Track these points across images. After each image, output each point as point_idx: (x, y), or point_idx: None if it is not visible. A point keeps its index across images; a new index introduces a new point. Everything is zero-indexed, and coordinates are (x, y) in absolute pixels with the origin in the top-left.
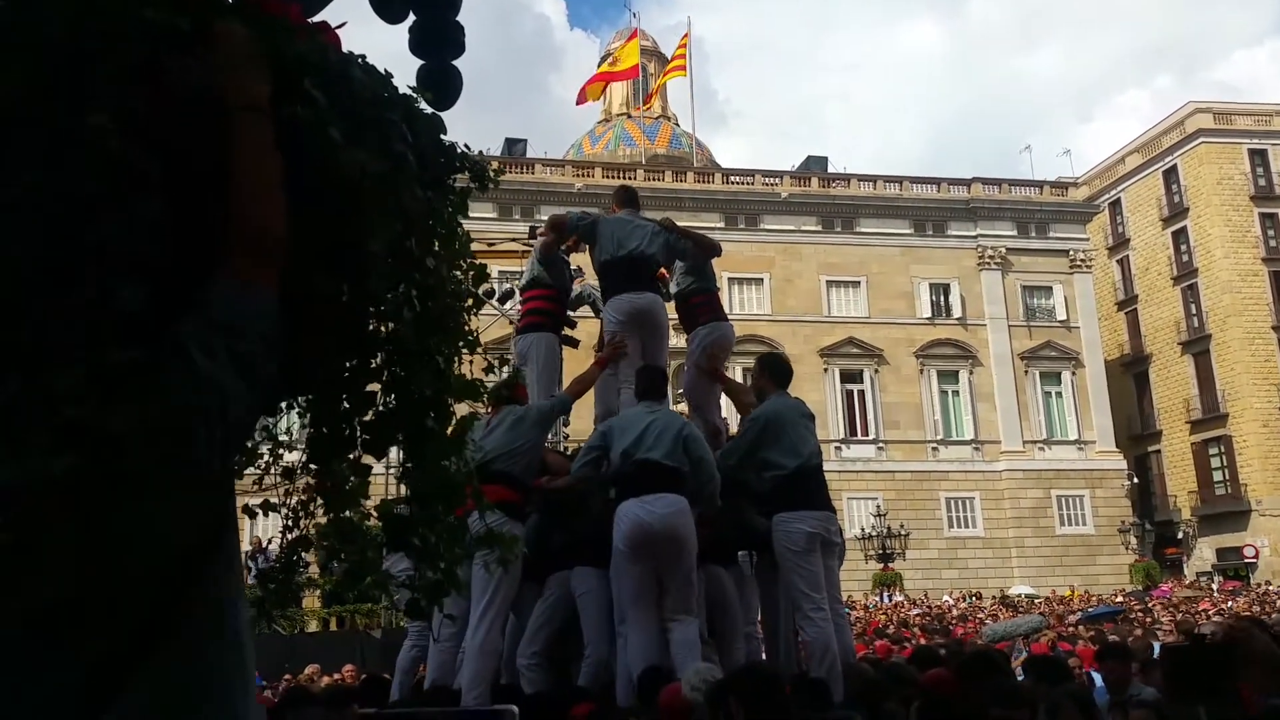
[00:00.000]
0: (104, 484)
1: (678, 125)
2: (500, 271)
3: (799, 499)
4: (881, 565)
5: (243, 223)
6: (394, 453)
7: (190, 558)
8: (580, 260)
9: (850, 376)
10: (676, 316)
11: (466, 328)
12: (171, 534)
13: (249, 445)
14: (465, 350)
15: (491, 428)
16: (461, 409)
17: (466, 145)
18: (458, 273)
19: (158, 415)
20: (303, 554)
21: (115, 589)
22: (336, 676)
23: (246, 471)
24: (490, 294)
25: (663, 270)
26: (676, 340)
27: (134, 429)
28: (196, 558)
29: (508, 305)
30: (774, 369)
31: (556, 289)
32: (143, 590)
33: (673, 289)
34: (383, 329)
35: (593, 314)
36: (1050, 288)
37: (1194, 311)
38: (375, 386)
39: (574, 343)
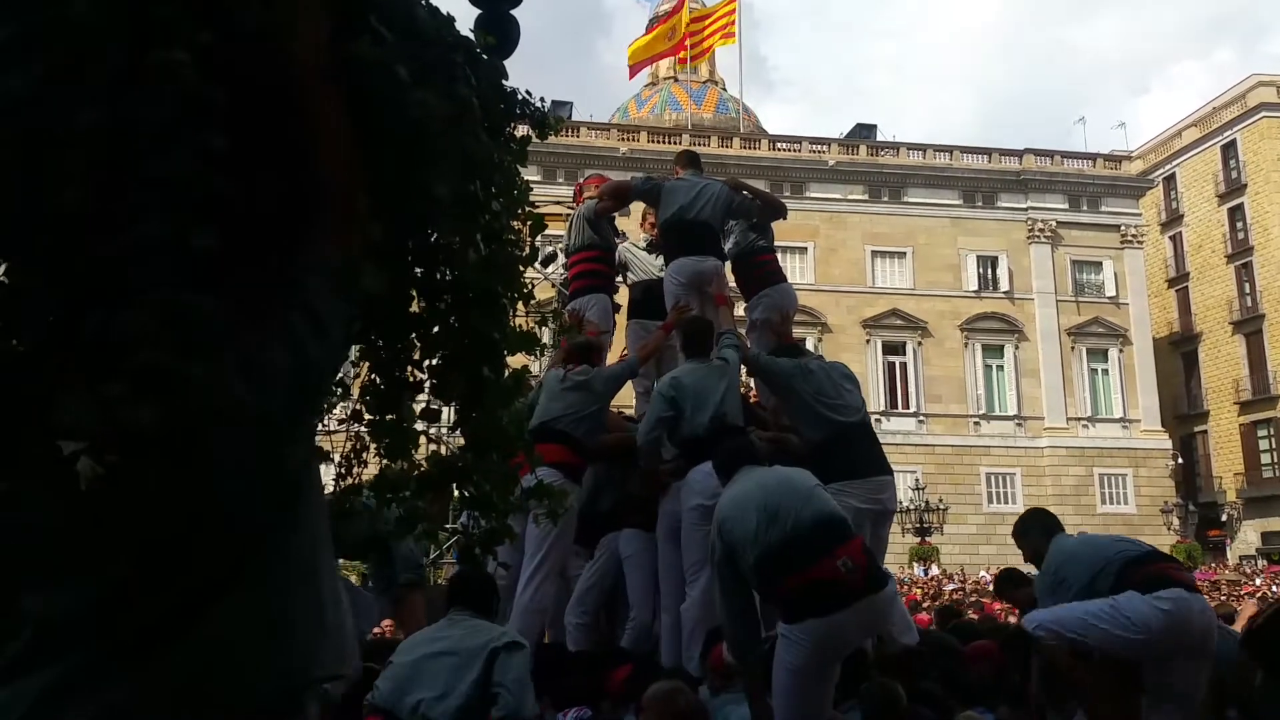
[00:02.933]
0: (194, 432)
1: (725, 91)
2: (542, 236)
3: (842, 467)
4: (919, 539)
5: (324, 185)
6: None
7: (280, 499)
8: (622, 224)
9: (893, 348)
10: (734, 275)
11: (523, 280)
12: (260, 481)
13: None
14: (520, 303)
15: (554, 388)
16: (515, 362)
17: (528, 92)
18: (516, 222)
19: (235, 366)
20: (355, 500)
21: (211, 529)
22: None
23: None
24: (537, 253)
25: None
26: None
27: (211, 378)
28: (285, 500)
29: (550, 269)
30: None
31: (605, 250)
32: (237, 529)
33: (728, 247)
34: (448, 274)
35: (621, 278)
36: (1100, 263)
37: (1247, 290)
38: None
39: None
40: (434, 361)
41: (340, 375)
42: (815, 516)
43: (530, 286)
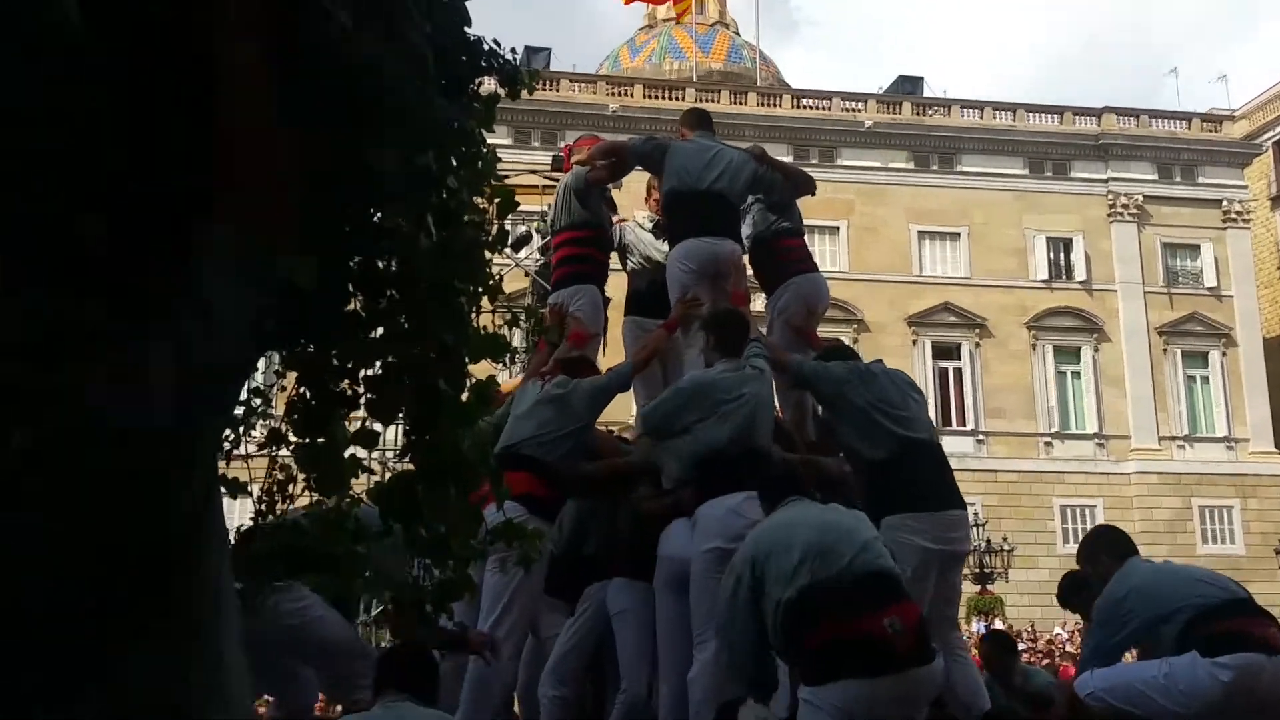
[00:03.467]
0: (74, 453)
1: (737, 35)
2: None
3: (908, 495)
4: (978, 588)
5: (234, 159)
6: (389, 433)
7: (174, 533)
8: (619, 197)
9: (945, 351)
10: (751, 262)
11: (489, 269)
12: (154, 505)
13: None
14: (485, 298)
15: (527, 403)
16: (478, 371)
17: (495, 41)
18: (480, 199)
19: (116, 374)
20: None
21: (99, 568)
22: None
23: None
24: (506, 236)
25: None
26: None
27: (90, 390)
28: (181, 533)
29: (523, 253)
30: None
31: (596, 230)
32: (128, 566)
33: (745, 229)
34: (391, 264)
35: (619, 264)
36: (1197, 246)
37: None
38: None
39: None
40: (373, 371)
41: (260, 386)
42: (867, 567)
43: (498, 277)
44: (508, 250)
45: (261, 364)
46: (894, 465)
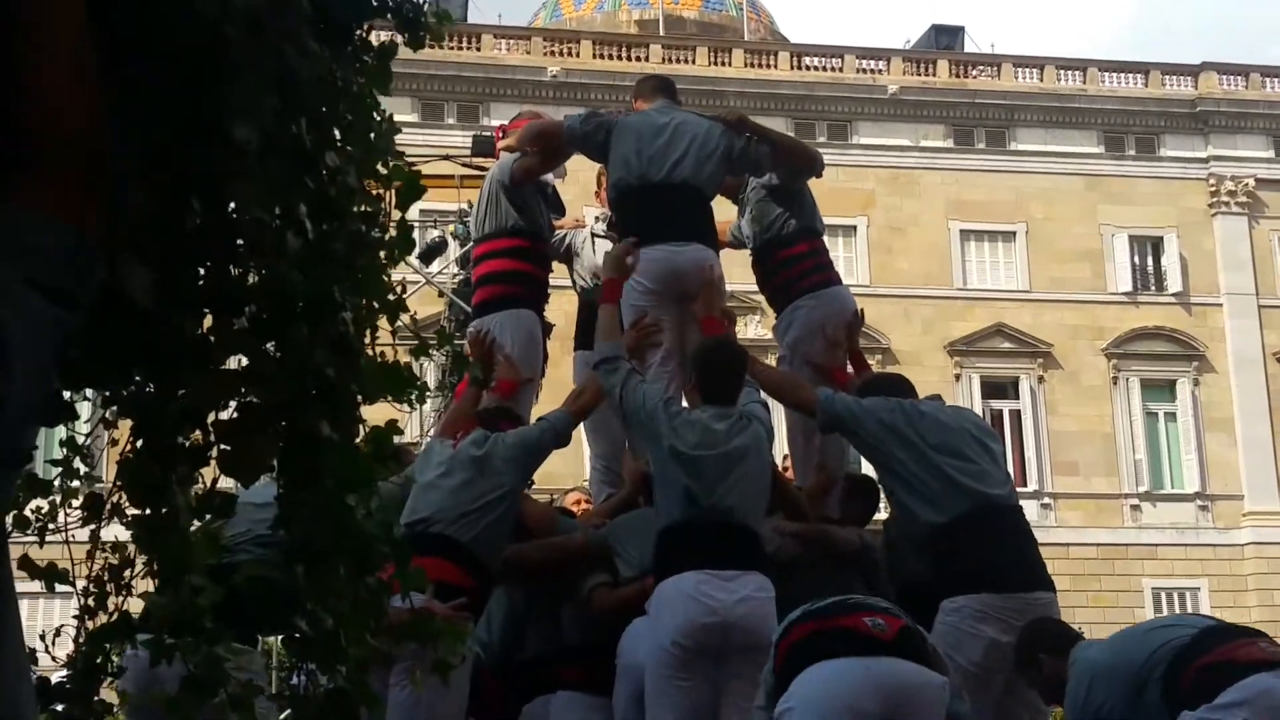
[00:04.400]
0: None
1: None
2: (422, 211)
3: (980, 570)
4: None
5: (36, 125)
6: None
7: None
8: (570, 192)
9: (998, 389)
10: (755, 275)
11: (387, 278)
12: None
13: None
14: (383, 317)
15: (431, 467)
16: (378, 416)
17: None
18: (372, 184)
19: None
20: (111, 651)
21: None
22: None
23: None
24: (409, 238)
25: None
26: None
27: None
28: None
29: (435, 266)
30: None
31: (532, 239)
32: None
33: (745, 228)
34: (254, 271)
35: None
36: None
37: None
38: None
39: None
40: (227, 414)
41: (81, 439)
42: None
43: (399, 290)
44: (415, 262)
45: (86, 411)
46: (962, 530)
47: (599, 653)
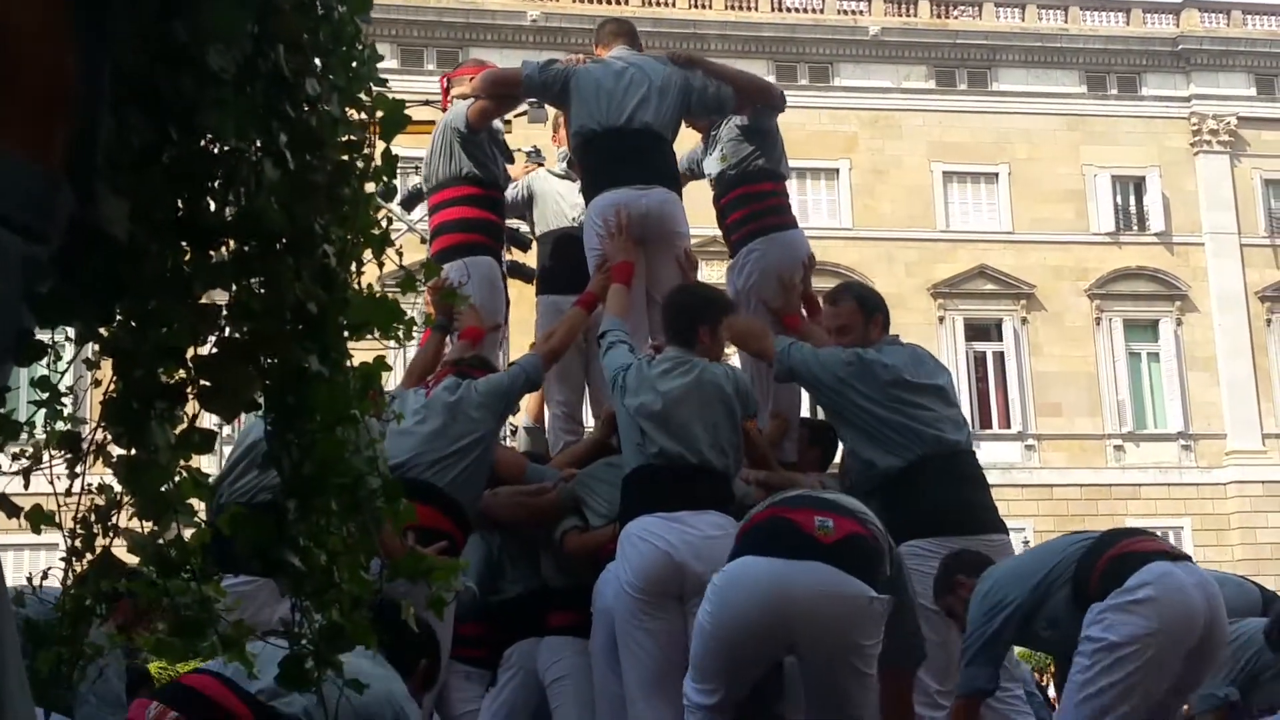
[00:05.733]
0: None
1: None
2: (402, 158)
3: (938, 514)
4: None
5: (11, 62)
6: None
7: None
8: (526, 134)
9: (981, 330)
10: (715, 210)
11: (370, 211)
12: None
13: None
14: (369, 250)
15: (409, 415)
16: (365, 354)
17: None
18: (355, 111)
19: None
20: (103, 592)
21: None
22: None
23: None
24: (394, 165)
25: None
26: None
27: None
28: None
29: (417, 213)
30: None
31: (488, 186)
32: None
33: (710, 166)
34: (233, 201)
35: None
36: None
37: None
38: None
39: (527, 274)
40: (206, 349)
41: (61, 378)
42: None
43: (385, 226)
44: (396, 208)
45: (70, 352)
46: (917, 476)
47: (586, 596)
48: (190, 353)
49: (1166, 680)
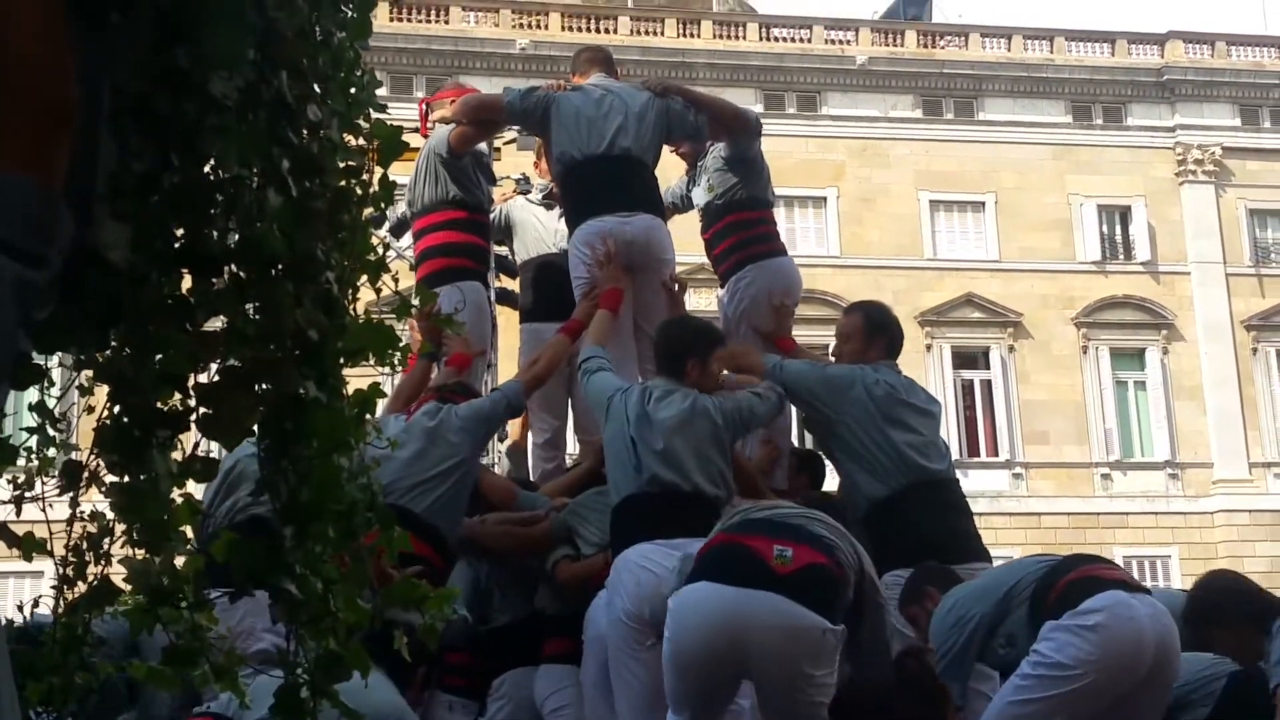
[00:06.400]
0: None
1: None
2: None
3: (919, 544)
4: None
5: (9, 82)
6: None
7: None
8: (514, 162)
9: (968, 359)
10: (704, 239)
11: (368, 238)
12: None
13: None
14: (365, 275)
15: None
16: (360, 382)
17: None
18: (352, 136)
19: None
20: (90, 620)
21: None
22: None
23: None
24: (391, 192)
25: (682, 151)
26: (699, 296)
27: None
28: None
29: (405, 241)
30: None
31: (473, 210)
32: None
33: (698, 197)
34: (234, 230)
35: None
36: None
37: None
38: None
39: (515, 301)
40: (207, 377)
41: (56, 404)
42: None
43: (382, 253)
44: (384, 234)
45: (60, 378)
46: (901, 504)
47: (581, 623)
48: (190, 380)
49: (1102, 709)
